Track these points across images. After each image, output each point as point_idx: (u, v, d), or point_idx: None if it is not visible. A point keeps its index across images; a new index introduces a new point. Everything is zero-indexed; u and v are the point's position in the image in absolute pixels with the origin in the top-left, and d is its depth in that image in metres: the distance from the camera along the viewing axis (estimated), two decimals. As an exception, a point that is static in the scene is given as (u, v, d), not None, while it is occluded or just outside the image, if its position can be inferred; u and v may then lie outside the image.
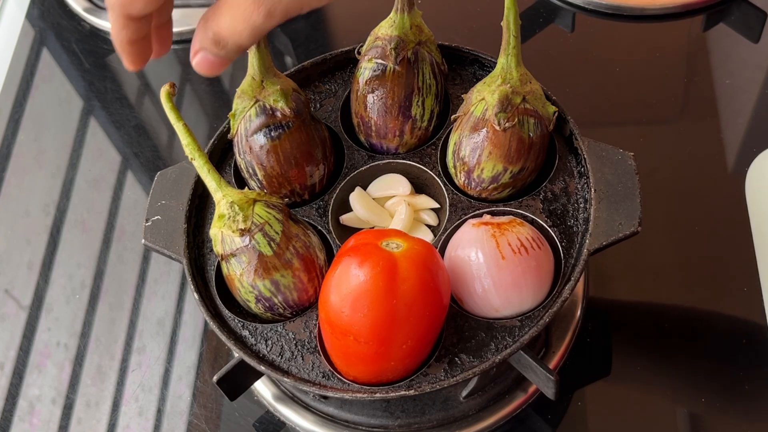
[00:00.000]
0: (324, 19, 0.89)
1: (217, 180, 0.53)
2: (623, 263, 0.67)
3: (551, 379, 0.52)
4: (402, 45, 0.59)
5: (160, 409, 0.65)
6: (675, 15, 0.81)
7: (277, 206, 0.54)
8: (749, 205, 0.68)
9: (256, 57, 0.57)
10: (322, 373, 0.53)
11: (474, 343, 0.53)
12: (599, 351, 0.63)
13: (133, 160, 0.81)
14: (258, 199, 0.53)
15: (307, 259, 0.54)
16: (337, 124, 0.64)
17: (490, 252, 0.53)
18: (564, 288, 0.53)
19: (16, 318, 0.72)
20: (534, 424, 0.61)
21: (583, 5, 0.83)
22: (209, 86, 0.85)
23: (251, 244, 0.52)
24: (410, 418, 0.60)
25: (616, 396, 0.61)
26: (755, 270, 0.65)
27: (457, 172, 0.59)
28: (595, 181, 0.56)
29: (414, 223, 0.60)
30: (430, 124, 0.62)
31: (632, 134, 0.74)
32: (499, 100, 0.55)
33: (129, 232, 0.76)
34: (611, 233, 0.54)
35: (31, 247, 0.76)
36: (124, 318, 0.70)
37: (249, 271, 0.53)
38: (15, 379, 0.69)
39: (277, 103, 0.57)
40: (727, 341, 0.62)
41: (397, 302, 0.48)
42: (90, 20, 0.90)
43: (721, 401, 0.60)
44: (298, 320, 0.55)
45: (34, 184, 0.81)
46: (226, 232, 0.53)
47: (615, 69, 0.79)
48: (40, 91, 0.88)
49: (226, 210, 0.53)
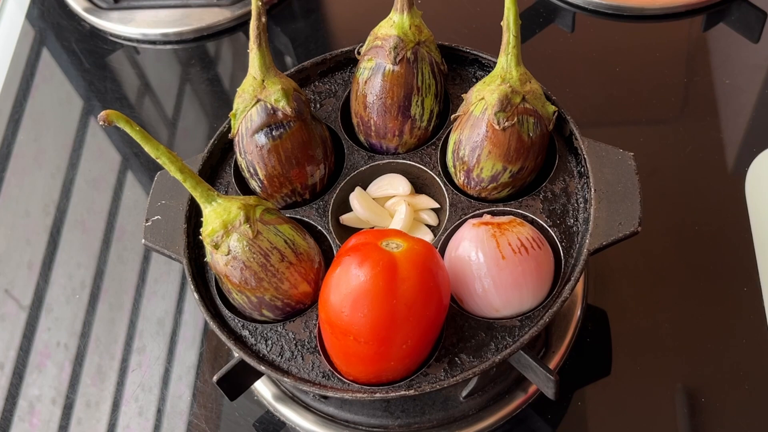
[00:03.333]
0: (324, 19, 0.89)
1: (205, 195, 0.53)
2: (623, 263, 0.67)
3: (551, 379, 0.52)
4: (401, 45, 0.59)
5: (160, 409, 0.65)
6: (675, 15, 0.81)
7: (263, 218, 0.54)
8: (749, 205, 0.68)
9: (257, 56, 0.57)
10: (322, 373, 0.53)
11: (474, 343, 0.53)
12: (599, 351, 0.63)
13: (133, 160, 0.81)
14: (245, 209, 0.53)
15: (294, 268, 0.54)
16: (337, 124, 0.64)
17: (491, 252, 0.53)
18: (564, 288, 0.53)
19: (16, 318, 0.72)
20: (534, 424, 0.61)
21: (583, 5, 0.83)
22: (209, 86, 0.85)
23: (231, 263, 0.53)
24: (410, 418, 0.60)
25: (616, 396, 0.61)
26: (755, 270, 0.65)
27: (456, 172, 0.59)
28: (595, 181, 0.56)
29: (414, 223, 0.60)
30: (429, 123, 0.62)
31: (632, 134, 0.74)
32: (498, 100, 0.55)
33: (129, 232, 0.76)
34: (611, 233, 0.54)
35: (31, 247, 0.76)
36: (124, 318, 0.70)
37: (233, 285, 0.54)
38: (15, 379, 0.69)
39: (278, 103, 0.57)
40: (727, 341, 0.62)
41: (397, 302, 0.48)
42: (90, 20, 0.90)
43: (721, 401, 0.60)
44: (298, 320, 0.55)
45: (34, 184, 0.81)
46: (210, 249, 0.54)
47: (615, 69, 0.79)
48: (40, 91, 0.88)
49: (211, 226, 0.53)
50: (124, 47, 0.89)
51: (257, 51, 0.57)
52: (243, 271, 0.53)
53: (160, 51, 0.88)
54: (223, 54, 0.88)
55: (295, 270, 0.54)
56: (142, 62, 0.88)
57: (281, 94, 0.57)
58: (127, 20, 0.89)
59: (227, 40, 0.88)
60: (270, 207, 0.55)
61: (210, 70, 0.86)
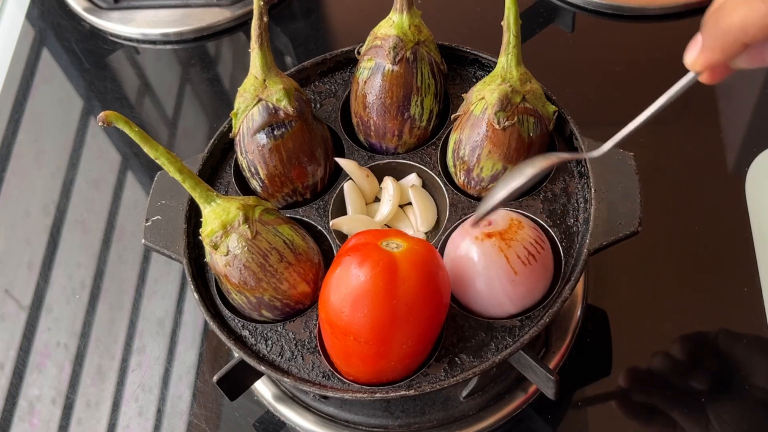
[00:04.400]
0: (324, 19, 0.89)
1: (204, 196, 0.53)
2: (623, 263, 0.67)
3: (551, 379, 0.52)
4: (400, 45, 0.59)
5: (160, 409, 0.65)
6: (675, 15, 0.81)
7: (262, 218, 0.54)
8: (749, 205, 0.68)
9: (259, 56, 0.57)
10: (322, 373, 0.53)
11: (474, 343, 0.52)
12: (599, 351, 0.63)
13: (133, 160, 0.81)
14: (244, 209, 0.53)
15: (293, 269, 0.54)
16: (337, 124, 0.64)
17: (503, 270, 0.52)
18: (564, 288, 0.53)
19: (16, 318, 0.72)
20: (534, 424, 0.61)
21: (583, 5, 0.83)
22: (209, 86, 0.85)
23: (231, 263, 0.53)
24: (410, 418, 0.60)
25: (616, 396, 0.61)
26: (755, 270, 0.65)
27: (456, 171, 0.59)
28: (595, 181, 0.56)
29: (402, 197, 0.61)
30: (429, 123, 0.62)
31: (632, 134, 0.74)
32: (498, 99, 0.55)
33: (129, 232, 0.76)
34: (611, 233, 0.54)
35: (31, 247, 0.76)
36: (124, 318, 0.70)
37: (233, 285, 0.54)
38: (15, 379, 0.69)
39: (280, 102, 0.57)
40: (727, 341, 0.62)
41: (397, 302, 0.48)
42: (90, 20, 0.90)
43: (721, 401, 0.60)
44: (298, 320, 0.55)
45: (34, 184, 0.81)
46: (210, 249, 0.54)
47: (615, 69, 0.79)
48: (40, 91, 0.88)
49: (210, 226, 0.53)
50: (124, 47, 0.89)
51: (259, 51, 0.57)
52: (242, 272, 0.53)
53: (160, 51, 0.88)
54: (223, 54, 0.88)
55: (294, 270, 0.54)
56: (142, 62, 0.88)
57: (283, 93, 0.57)
58: (127, 20, 0.89)
59: (227, 40, 0.88)
60: (269, 207, 0.55)
61: (210, 70, 0.86)
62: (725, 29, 0.40)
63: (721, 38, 0.40)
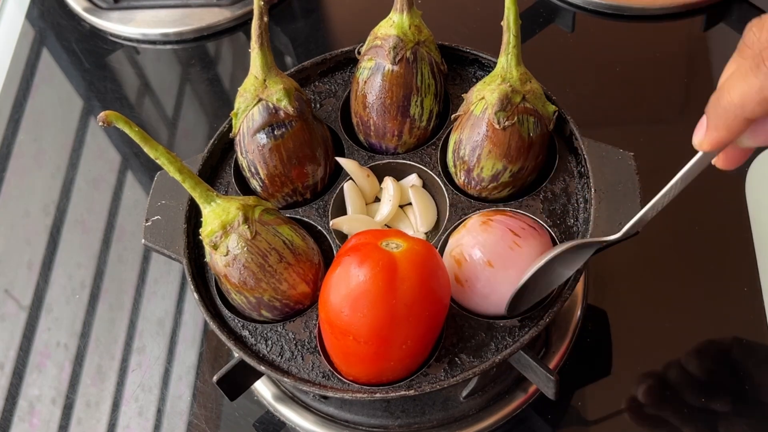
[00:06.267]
0: (324, 19, 0.89)
1: (204, 196, 0.53)
2: (623, 263, 0.67)
3: (551, 379, 0.52)
4: (400, 45, 0.59)
5: (160, 409, 0.65)
6: (675, 15, 0.81)
7: (261, 219, 0.54)
8: (749, 205, 0.68)
9: (259, 56, 0.57)
10: (322, 373, 0.53)
11: (474, 343, 0.52)
12: (599, 351, 0.63)
13: (133, 160, 0.81)
14: (244, 209, 0.53)
15: (292, 269, 0.54)
16: (337, 124, 0.64)
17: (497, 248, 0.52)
18: (564, 288, 0.53)
19: (16, 318, 0.72)
20: (534, 424, 0.61)
21: (583, 5, 0.83)
22: (209, 86, 0.85)
23: (230, 263, 0.53)
24: (410, 418, 0.60)
25: (616, 396, 0.61)
26: (755, 270, 0.65)
27: (457, 171, 0.59)
28: (595, 181, 0.56)
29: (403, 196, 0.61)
30: (429, 123, 0.62)
31: (632, 134, 0.74)
32: (498, 99, 0.55)
33: (129, 232, 0.76)
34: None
35: (31, 247, 0.76)
36: (124, 318, 0.70)
37: (232, 285, 0.54)
38: (15, 379, 0.69)
39: (280, 102, 0.57)
40: (727, 341, 0.62)
41: (396, 302, 0.48)
42: (90, 20, 0.90)
43: (721, 401, 0.60)
44: (298, 320, 0.55)
45: (34, 184, 0.81)
46: (209, 249, 0.54)
47: (615, 69, 0.79)
48: (40, 91, 0.88)
49: (210, 226, 0.53)
50: (124, 47, 0.89)
51: (259, 51, 0.57)
52: (241, 272, 0.53)
53: (160, 51, 0.88)
54: (223, 54, 0.88)
55: (293, 271, 0.54)
56: (142, 62, 0.88)
57: (283, 93, 0.57)
58: (127, 20, 0.89)
59: (227, 40, 0.88)
60: (269, 207, 0.55)
61: (210, 70, 0.86)
62: (725, 107, 0.41)
63: (723, 116, 0.41)
